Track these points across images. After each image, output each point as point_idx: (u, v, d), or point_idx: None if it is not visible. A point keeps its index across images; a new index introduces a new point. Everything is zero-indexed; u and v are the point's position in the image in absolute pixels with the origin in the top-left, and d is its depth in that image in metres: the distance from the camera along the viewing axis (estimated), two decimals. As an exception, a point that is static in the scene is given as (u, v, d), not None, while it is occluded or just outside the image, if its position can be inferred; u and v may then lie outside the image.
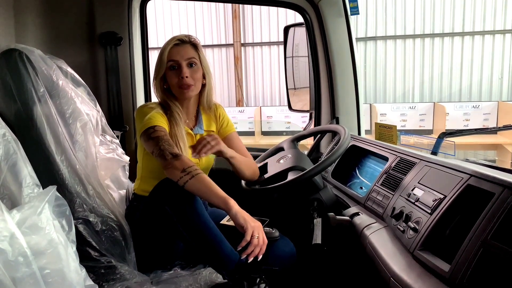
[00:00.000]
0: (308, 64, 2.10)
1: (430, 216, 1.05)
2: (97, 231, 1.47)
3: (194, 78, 1.49)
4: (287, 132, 6.75)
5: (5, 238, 0.82)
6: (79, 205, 1.46)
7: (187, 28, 8.16)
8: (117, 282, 1.38)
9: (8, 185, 1.05)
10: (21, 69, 1.44)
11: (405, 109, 6.83)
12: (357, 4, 1.91)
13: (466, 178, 1.03)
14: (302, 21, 2.03)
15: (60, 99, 1.53)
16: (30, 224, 0.89)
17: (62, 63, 1.64)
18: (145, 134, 1.41)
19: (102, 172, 1.65)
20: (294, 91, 2.29)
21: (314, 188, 1.52)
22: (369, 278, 1.24)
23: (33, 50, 1.51)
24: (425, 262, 0.98)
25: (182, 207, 1.31)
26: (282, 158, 1.66)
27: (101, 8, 1.97)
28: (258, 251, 1.26)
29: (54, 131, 1.47)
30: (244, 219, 1.26)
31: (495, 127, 4.20)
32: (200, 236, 1.32)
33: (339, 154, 1.45)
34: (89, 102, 1.71)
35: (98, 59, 2.01)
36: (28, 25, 1.74)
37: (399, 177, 1.33)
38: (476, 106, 6.60)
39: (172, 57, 1.48)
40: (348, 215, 1.40)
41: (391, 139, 1.80)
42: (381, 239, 1.19)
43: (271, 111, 7.18)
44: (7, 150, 1.07)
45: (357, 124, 2.01)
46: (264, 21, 8.11)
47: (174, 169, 1.30)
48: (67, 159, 1.49)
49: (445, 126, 6.28)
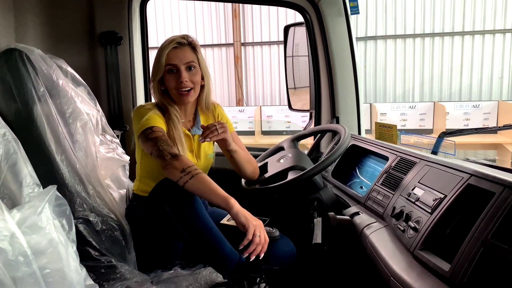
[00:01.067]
0: (308, 63, 2.10)
1: (431, 216, 1.05)
2: (97, 230, 1.47)
3: (193, 81, 1.48)
4: (287, 131, 6.76)
5: (5, 238, 0.82)
6: (79, 205, 1.46)
7: (187, 28, 8.16)
8: (117, 281, 1.38)
9: (8, 185, 1.05)
10: (21, 68, 1.44)
11: (405, 108, 6.84)
12: (357, 4, 1.91)
13: (467, 178, 1.03)
14: (302, 20, 2.03)
15: (60, 98, 1.53)
16: (30, 223, 0.89)
17: (62, 63, 1.64)
18: (143, 135, 1.41)
19: (102, 171, 1.65)
20: (294, 90, 2.29)
21: (314, 187, 1.52)
22: (369, 277, 1.24)
23: (33, 50, 1.50)
24: (425, 261, 0.98)
25: (182, 207, 1.31)
26: (282, 158, 1.66)
27: (101, 8, 1.97)
28: (260, 249, 1.26)
29: (54, 131, 1.47)
30: (245, 217, 1.26)
31: (495, 127, 4.19)
32: (200, 236, 1.32)
33: (339, 153, 1.45)
34: (89, 101, 1.71)
35: (98, 59, 2.01)
36: (28, 24, 1.74)
37: (399, 177, 1.33)
38: (476, 105, 6.61)
39: (170, 61, 1.46)
40: (348, 214, 1.40)
41: (391, 139, 1.80)
42: (381, 238, 1.19)
43: (271, 111, 7.19)
44: (7, 149, 1.07)
45: (357, 124, 2.01)
46: (264, 21, 8.11)
47: (174, 169, 1.30)
48: (67, 158, 1.49)
49: (445, 126, 6.28)
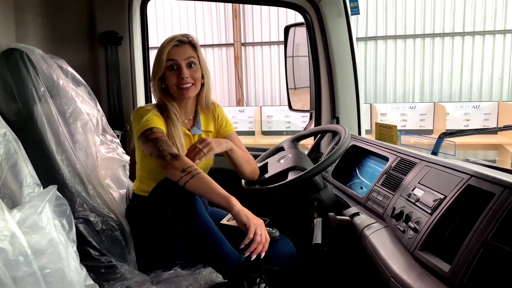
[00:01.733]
0: (308, 64, 2.10)
1: (431, 216, 1.05)
2: (98, 230, 1.47)
3: (193, 78, 1.49)
4: (287, 131, 6.76)
5: (6, 238, 0.82)
6: (79, 205, 1.46)
7: (188, 28, 8.16)
8: (117, 281, 1.38)
9: (8, 185, 1.05)
10: (22, 68, 1.44)
11: (405, 109, 6.84)
12: (357, 4, 1.91)
13: (467, 179, 1.03)
14: (302, 21, 2.03)
15: (60, 98, 1.53)
16: (31, 223, 0.89)
17: (62, 63, 1.64)
18: (143, 136, 1.41)
19: (102, 171, 1.65)
20: (295, 90, 2.29)
21: (314, 188, 1.52)
22: (369, 278, 1.24)
23: (33, 50, 1.51)
24: (425, 262, 0.98)
25: (182, 207, 1.31)
26: (283, 158, 1.66)
27: (102, 8, 1.97)
28: (261, 248, 1.27)
29: (54, 131, 1.47)
30: (246, 216, 1.27)
31: (495, 128, 4.20)
32: (200, 236, 1.32)
33: (340, 154, 1.45)
34: (90, 101, 1.71)
35: (99, 59, 2.01)
36: (29, 24, 1.74)
37: (399, 177, 1.33)
38: (477, 106, 6.61)
39: (171, 57, 1.47)
40: (348, 215, 1.40)
41: (392, 139, 1.80)
42: (381, 239, 1.19)
43: (271, 111, 7.19)
44: (7, 149, 1.07)
45: (357, 124, 2.00)
46: (264, 21, 8.11)
47: (174, 169, 1.30)
48: (68, 158, 1.49)
49: (445, 126, 6.28)
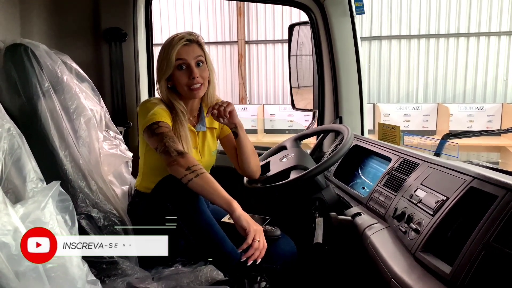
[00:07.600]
0: (312, 63, 2.10)
1: (432, 218, 1.05)
2: (100, 226, 1.48)
3: (203, 77, 1.48)
4: (290, 130, 6.74)
5: (9, 232, 0.83)
6: (82, 200, 1.47)
7: (192, 25, 8.15)
8: (119, 277, 1.38)
9: (12, 180, 1.06)
10: (26, 63, 1.44)
11: (409, 109, 6.81)
12: (362, 4, 1.91)
13: (469, 180, 1.03)
14: (307, 19, 2.03)
15: (64, 94, 1.53)
16: (34, 218, 0.89)
17: (67, 58, 1.64)
18: (149, 130, 1.40)
19: (105, 167, 1.65)
20: (298, 89, 2.29)
21: (316, 187, 1.52)
22: (370, 278, 1.24)
23: (38, 45, 1.51)
24: (426, 263, 0.98)
25: (184, 204, 1.32)
26: (285, 157, 1.66)
27: (106, 4, 1.98)
28: (258, 254, 1.27)
29: (58, 126, 1.48)
30: (247, 222, 1.27)
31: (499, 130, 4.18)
32: (201, 234, 1.33)
33: (342, 153, 1.45)
34: (93, 97, 1.71)
35: (103, 55, 2.01)
36: (34, 20, 1.74)
37: (401, 178, 1.33)
38: (480, 107, 6.57)
39: (180, 56, 1.45)
40: (350, 215, 1.41)
41: (394, 140, 1.80)
42: (383, 239, 1.19)
43: (274, 109, 7.17)
44: (11, 144, 1.08)
45: (361, 124, 2.00)
46: (268, 19, 8.09)
47: (179, 166, 1.29)
48: (71, 154, 1.49)
49: (448, 127, 6.25)
